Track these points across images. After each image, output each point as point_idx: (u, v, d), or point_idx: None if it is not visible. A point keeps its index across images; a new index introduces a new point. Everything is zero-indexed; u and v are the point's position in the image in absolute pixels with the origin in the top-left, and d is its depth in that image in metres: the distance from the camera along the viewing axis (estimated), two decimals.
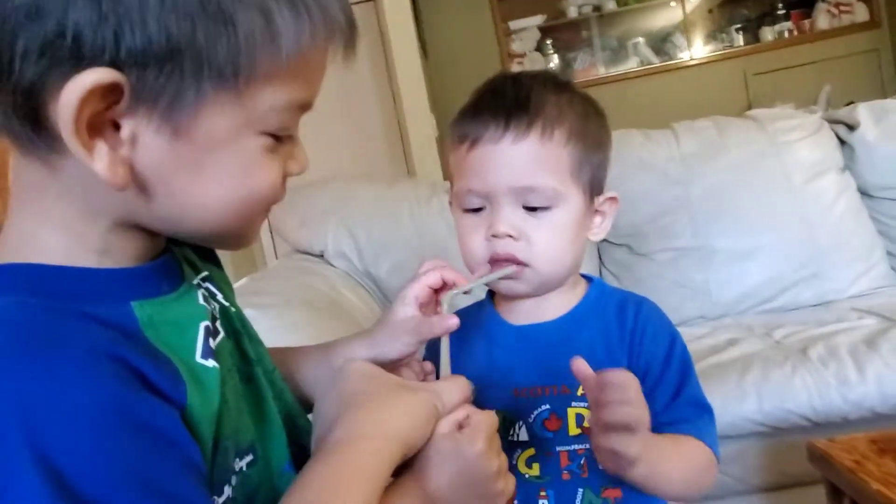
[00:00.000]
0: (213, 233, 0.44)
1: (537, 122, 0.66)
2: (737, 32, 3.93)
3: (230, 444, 0.45)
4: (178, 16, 0.35)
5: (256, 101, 0.39)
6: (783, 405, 1.24)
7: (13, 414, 0.33)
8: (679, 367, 0.69)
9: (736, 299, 1.73)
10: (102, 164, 0.37)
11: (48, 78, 0.35)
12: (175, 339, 0.41)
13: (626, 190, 1.76)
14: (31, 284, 0.38)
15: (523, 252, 0.67)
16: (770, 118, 1.87)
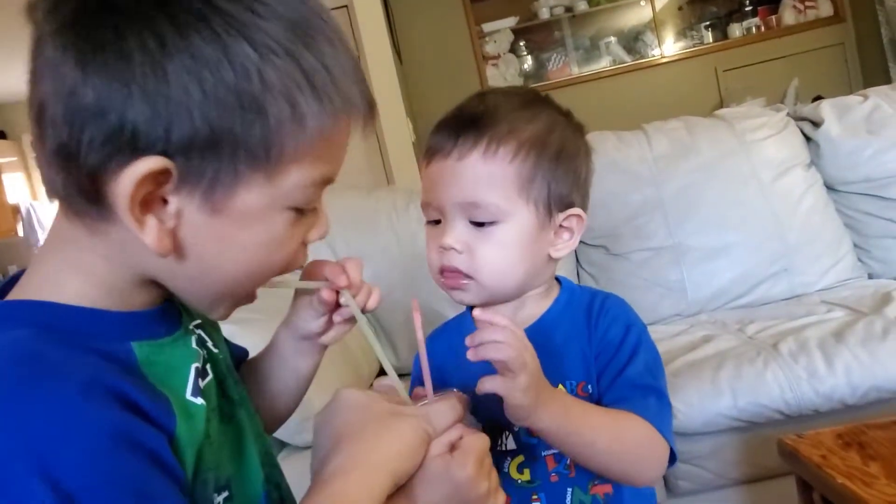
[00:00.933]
0: (217, 296, 0.49)
1: (482, 139, 0.67)
2: (706, 29, 3.98)
3: (210, 477, 0.47)
4: (217, 109, 0.40)
5: (285, 179, 0.44)
6: (757, 400, 1.27)
7: (19, 442, 0.36)
8: (629, 353, 0.69)
9: (710, 296, 1.77)
10: (151, 236, 0.42)
11: (109, 163, 0.40)
12: (168, 378, 0.45)
13: (600, 191, 1.81)
14: (44, 319, 0.43)
15: (466, 265, 0.68)
16: (738, 117, 1.91)
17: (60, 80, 0.40)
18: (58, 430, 0.37)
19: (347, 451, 0.48)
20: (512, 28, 3.96)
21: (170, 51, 0.39)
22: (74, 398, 0.38)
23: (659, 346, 1.56)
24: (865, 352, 1.29)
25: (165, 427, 0.42)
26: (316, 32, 0.44)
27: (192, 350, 0.51)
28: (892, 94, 1.88)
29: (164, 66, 0.39)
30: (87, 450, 0.37)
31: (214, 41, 0.40)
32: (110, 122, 0.39)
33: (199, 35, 0.40)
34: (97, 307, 0.45)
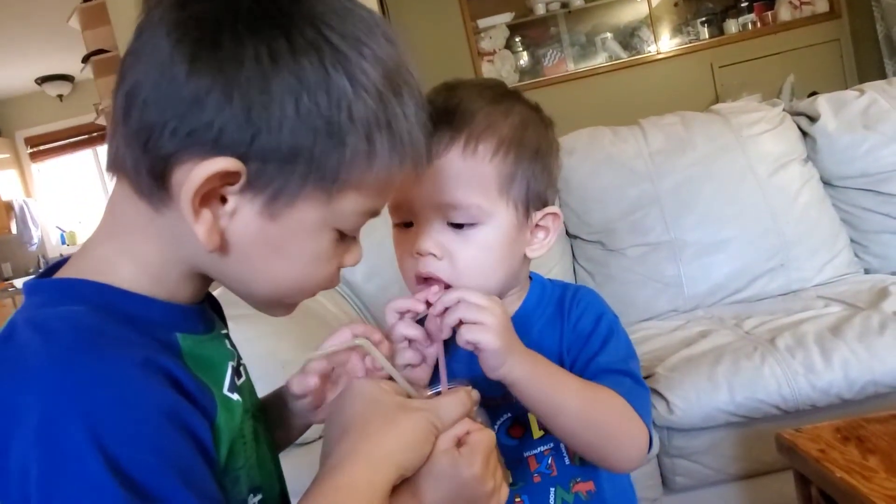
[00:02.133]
0: (264, 300, 0.52)
1: (460, 136, 0.63)
2: (702, 25, 3.97)
3: (243, 476, 0.49)
4: (304, 129, 0.43)
5: (341, 205, 0.47)
6: (754, 395, 1.27)
7: (75, 404, 0.38)
8: (600, 342, 0.68)
9: (707, 291, 1.76)
10: (203, 228, 0.44)
11: (185, 153, 0.42)
12: (208, 371, 0.47)
13: (596, 187, 1.82)
14: (100, 299, 0.45)
15: (446, 271, 0.64)
16: (734, 112, 1.91)
17: (166, 67, 0.42)
18: (114, 399, 0.38)
19: (353, 443, 0.49)
20: (508, 24, 3.95)
21: (279, 68, 0.42)
22: (132, 370, 0.40)
23: (655, 342, 1.57)
24: (862, 346, 1.29)
25: (209, 415, 0.44)
26: (404, 84, 0.47)
27: (228, 350, 0.53)
28: (889, 89, 1.88)
29: (270, 80, 0.42)
30: (139, 422, 0.39)
31: (320, 69, 0.43)
32: (202, 117, 0.41)
33: (308, 60, 0.42)
34: (149, 295, 0.47)
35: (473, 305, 0.59)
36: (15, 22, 4.08)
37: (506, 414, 0.68)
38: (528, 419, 0.68)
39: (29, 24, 4.12)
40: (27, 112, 5.46)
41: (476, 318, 0.59)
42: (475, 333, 0.59)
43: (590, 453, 0.66)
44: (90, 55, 3.35)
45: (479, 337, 0.59)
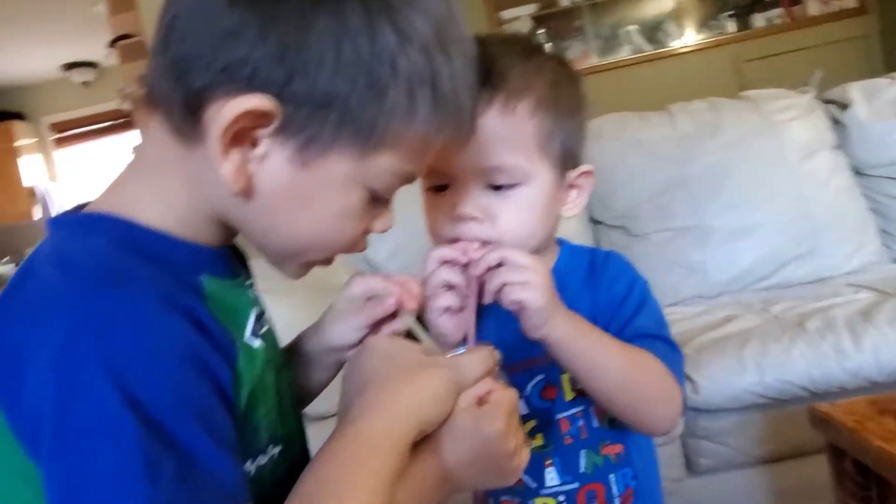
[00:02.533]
0: (281, 252, 0.50)
1: (499, 95, 0.61)
2: (728, 19, 3.93)
3: (262, 426, 0.48)
4: (344, 78, 0.41)
5: (375, 161, 0.45)
6: (783, 376, 1.25)
7: (94, 338, 0.37)
8: (634, 307, 0.67)
9: (733, 278, 1.74)
10: (230, 169, 0.42)
11: (219, 88, 0.41)
12: (231, 316, 0.46)
13: (621, 171, 1.80)
14: (122, 235, 0.43)
15: (488, 233, 0.63)
16: (764, 98, 1.89)
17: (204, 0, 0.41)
18: (133, 335, 0.37)
19: (373, 396, 0.47)
20: (531, 15, 3.92)
21: (322, 9, 0.40)
22: (154, 307, 0.39)
23: (680, 326, 1.56)
24: (894, 330, 1.27)
25: (230, 359, 0.42)
26: (455, 42, 0.46)
27: (251, 298, 0.52)
28: None
29: (310, 20, 0.40)
30: (158, 360, 0.37)
31: (364, 15, 0.41)
32: (238, 52, 0.40)
33: (351, 5, 0.41)
34: (174, 235, 0.45)
35: (517, 266, 0.58)
36: (42, 8, 4.13)
37: (538, 376, 0.68)
38: (560, 381, 0.68)
39: (56, 10, 4.18)
40: (53, 98, 5.54)
41: (521, 279, 0.58)
42: (520, 293, 0.58)
43: (626, 415, 0.65)
44: (116, 40, 3.39)
45: (524, 296, 0.58)
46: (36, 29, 4.45)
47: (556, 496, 0.67)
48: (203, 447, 0.38)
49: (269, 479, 0.49)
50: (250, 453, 0.47)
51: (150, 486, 0.35)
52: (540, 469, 0.67)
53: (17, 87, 5.48)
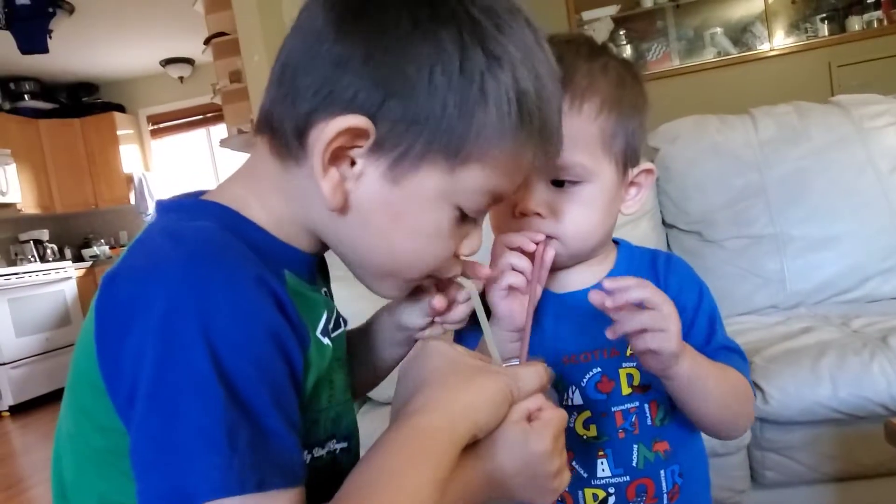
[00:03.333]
0: (377, 270, 0.53)
1: (566, 95, 0.62)
2: (822, 22, 3.75)
3: (323, 419, 0.51)
4: (436, 97, 0.44)
5: (463, 179, 0.48)
6: (860, 392, 1.20)
7: (195, 303, 0.40)
8: (708, 317, 0.69)
9: (812, 289, 1.68)
10: (329, 185, 0.47)
11: (323, 112, 0.45)
12: (306, 311, 0.48)
13: (698, 175, 1.77)
14: (227, 222, 0.48)
15: (552, 229, 0.65)
16: (856, 104, 1.81)
17: (317, 33, 0.46)
18: (228, 306, 0.41)
19: (432, 393, 0.48)
20: (612, 16, 3.88)
21: (418, 35, 0.44)
22: (249, 284, 0.42)
23: (753, 335, 1.52)
24: None
25: (304, 345, 0.46)
26: (542, 67, 0.48)
27: (324, 301, 0.55)
28: None
29: (407, 46, 0.44)
30: (246, 332, 0.41)
31: (457, 41, 0.44)
32: (343, 79, 0.45)
33: (446, 30, 0.44)
34: (269, 231, 0.50)
35: (661, 315, 0.58)
36: (146, 7, 4.41)
37: (595, 368, 0.69)
38: (617, 374, 0.68)
39: (158, 8, 4.45)
40: (151, 91, 5.90)
41: (662, 326, 0.58)
42: (661, 342, 0.58)
43: (711, 427, 0.68)
44: (211, 37, 3.58)
45: (663, 345, 0.58)
46: (139, 26, 4.75)
47: (606, 488, 0.68)
48: (273, 422, 0.41)
49: (325, 472, 0.52)
50: (308, 442, 0.49)
51: (230, 450, 0.38)
52: (592, 460, 0.68)
53: (119, 80, 5.86)
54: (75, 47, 4.87)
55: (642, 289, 0.58)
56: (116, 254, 5.62)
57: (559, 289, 0.72)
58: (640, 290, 0.58)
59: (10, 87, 5.39)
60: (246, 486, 0.38)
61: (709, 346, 0.69)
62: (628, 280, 0.59)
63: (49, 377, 4.62)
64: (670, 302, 0.59)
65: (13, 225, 5.35)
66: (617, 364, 0.68)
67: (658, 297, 0.59)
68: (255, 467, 0.39)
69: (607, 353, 0.68)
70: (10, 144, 5.03)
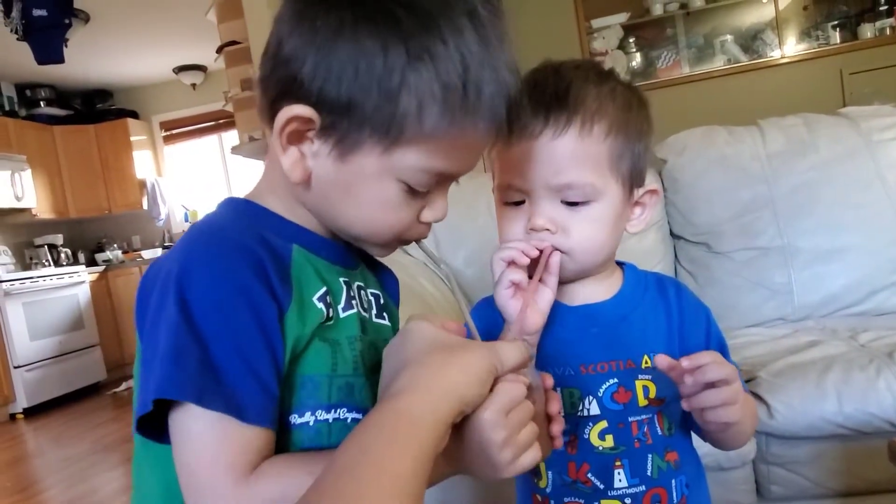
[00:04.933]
0: (351, 235, 0.60)
1: (576, 117, 0.65)
2: (833, 29, 3.74)
3: (331, 384, 0.56)
4: (359, 87, 0.51)
5: (399, 158, 0.54)
6: (865, 408, 1.20)
7: (180, 267, 0.51)
8: (717, 339, 0.74)
9: (820, 302, 1.68)
10: (288, 161, 0.55)
11: (283, 100, 0.54)
12: (304, 279, 0.56)
13: (705, 187, 1.78)
14: (241, 209, 0.60)
15: (560, 243, 0.68)
16: (864, 116, 1.80)
17: (279, 32, 0.54)
18: (203, 266, 0.51)
19: (413, 374, 0.49)
20: (622, 24, 3.89)
21: (344, 33, 0.51)
22: (227, 251, 0.52)
23: (759, 348, 1.52)
24: None
25: (281, 300, 0.53)
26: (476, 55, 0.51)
27: (340, 285, 0.61)
28: None
29: (333, 45, 0.51)
30: (212, 285, 0.50)
31: (378, 38, 0.50)
32: (291, 70, 0.53)
33: (367, 29, 0.50)
34: (282, 216, 0.59)
35: (731, 390, 0.62)
36: (159, 15, 4.47)
37: (612, 378, 0.70)
38: (634, 385, 0.70)
39: (171, 17, 4.50)
40: (164, 98, 5.96)
41: (735, 400, 0.63)
42: (732, 414, 0.63)
43: (717, 443, 0.73)
44: (223, 46, 3.61)
45: (735, 417, 0.63)
46: (153, 34, 4.81)
47: (623, 498, 0.69)
48: (227, 358, 0.49)
49: (337, 437, 0.55)
50: (307, 403, 0.55)
51: (173, 365, 0.48)
52: (609, 471, 0.69)
53: (133, 87, 5.93)
54: (90, 55, 4.93)
55: (720, 367, 0.62)
56: (129, 258, 5.67)
57: (574, 301, 0.74)
58: (719, 369, 0.62)
59: (27, 93, 5.47)
60: (184, 393, 0.47)
61: None
62: (704, 356, 0.62)
63: (62, 380, 4.68)
64: (737, 373, 0.63)
65: (28, 230, 5.42)
66: (633, 375, 0.70)
67: (732, 372, 0.63)
68: (196, 384, 0.47)
69: (623, 365, 0.70)
70: (25, 150, 5.10)
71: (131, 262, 5.55)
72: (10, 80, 5.30)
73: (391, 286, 0.72)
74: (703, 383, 0.62)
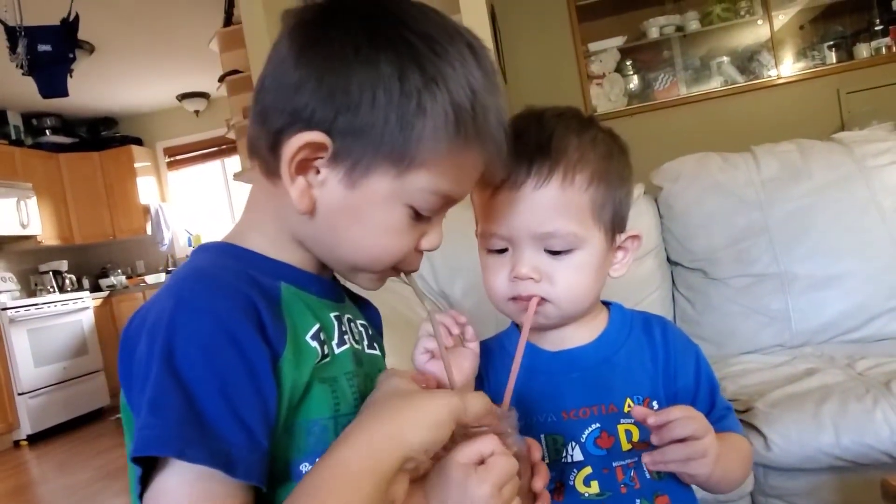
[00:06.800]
0: (348, 266, 0.59)
1: (558, 168, 0.66)
2: (829, 49, 3.76)
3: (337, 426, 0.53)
4: (375, 112, 0.51)
5: (411, 181, 0.54)
6: (862, 439, 1.19)
7: (168, 313, 0.48)
8: (707, 378, 0.74)
9: (817, 328, 1.67)
10: (297, 192, 0.54)
11: (290, 129, 0.52)
12: (297, 318, 0.55)
13: (701, 214, 1.79)
14: (228, 253, 0.57)
15: (545, 291, 0.68)
16: (858, 141, 1.81)
17: (281, 61, 0.53)
18: (189, 314, 0.48)
19: (360, 422, 0.51)
20: (619, 47, 3.92)
21: (360, 61, 0.51)
22: (214, 294, 0.50)
23: (756, 376, 1.52)
24: None
25: (274, 345, 0.50)
26: (479, 80, 0.53)
27: (330, 319, 0.59)
28: None
29: (349, 70, 0.51)
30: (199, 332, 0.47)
31: (395, 64, 0.51)
32: (301, 99, 0.52)
33: (385, 56, 0.51)
34: (265, 254, 0.58)
35: (701, 445, 0.63)
36: (163, 45, 4.54)
37: (594, 424, 0.70)
38: (616, 430, 0.70)
39: (174, 46, 4.57)
40: (167, 124, 6.03)
41: (703, 454, 0.63)
42: (699, 468, 0.64)
43: (711, 489, 0.71)
44: (225, 75, 3.67)
45: (703, 471, 0.64)
46: (157, 63, 4.88)
47: None
48: (211, 406, 0.45)
49: None
50: (316, 450, 0.52)
51: (151, 414, 0.45)
52: None
53: (137, 114, 6.00)
54: (95, 84, 5.00)
55: (689, 422, 0.62)
56: (133, 283, 5.70)
57: (555, 347, 0.74)
58: (687, 425, 0.62)
59: (33, 122, 5.54)
60: (165, 447, 0.44)
61: (713, 412, 0.73)
62: (674, 412, 0.63)
63: (66, 406, 4.68)
64: (710, 427, 0.64)
65: (34, 256, 5.46)
66: (616, 420, 0.70)
67: (701, 427, 0.63)
68: (179, 436, 0.44)
69: (605, 409, 0.70)
70: (31, 178, 5.16)
71: (135, 288, 5.58)
72: (17, 109, 5.37)
73: (374, 318, 0.72)
74: (670, 440, 0.62)
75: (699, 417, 0.63)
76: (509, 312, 0.73)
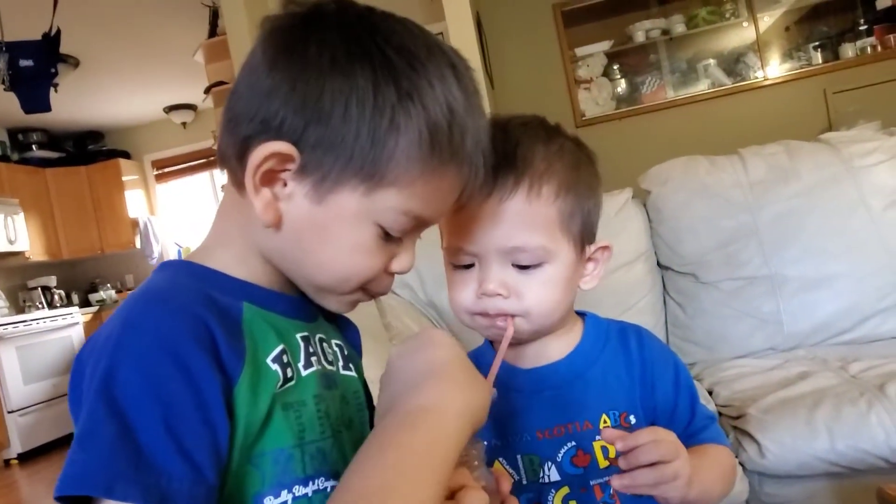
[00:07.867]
0: (315, 285, 0.56)
1: (524, 180, 0.63)
2: (815, 50, 3.77)
3: (303, 454, 0.51)
4: (347, 126, 0.49)
5: (380, 200, 0.51)
6: (857, 445, 1.18)
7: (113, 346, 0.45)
8: (687, 389, 0.71)
9: (810, 330, 1.66)
10: (261, 203, 0.51)
11: (258, 137, 0.50)
12: (260, 339, 0.52)
13: (689, 217, 1.77)
14: (188, 272, 0.54)
15: (514, 307, 0.65)
16: (845, 142, 1.81)
17: (254, 68, 0.51)
18: (134, 336, 0.45)
19: (443, 391, 0.51)
20: (606, 52, 3.92)
21: (336, 71, 0.49)
22: (165, 317, 0.46)
23: (749, 381, 1.50)
24: None
25: (229, 372, 0.47)
26: (458, 98, 0.51)
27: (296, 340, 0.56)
28: None
29: (323, 80, 0.49)
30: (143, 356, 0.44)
31: (370, 77, 0.49)
32: (272, 107, 0.49)
33: (360, 68, 0.49)
34: (229, 273, 0.54)
35: (671, 469, 0.59)
36: (149, 58, 4.51)
37: (570, 442, 0.68)
38: (592, 448, 0.68)
39: (159, 58, 4.54)
40: (155, 137, 5.99)
41: (674, 476, 0.60)
42: (671, 490, 0.60)
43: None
44: (211, 86, 3.64)
45: (676, 494, 0.60)
46: (142, 76, 4.85)
47: None
48: (152, 436, 0.42)
49: None
50: (282, 481, 0.49)
51: (79, 447, 0.42)
52: None
53: (124, 127, 5.96)
54: (81, 98, 4.97)
55: (657, 446, 0.59)
56: (123, 297, 5.64)
57: (527, 364, 0.72)
58: (653, 450, 0.59)
59: (19, 138, 5.50)
60: (87, 485, 0.40)
61: (693, 423, 0.71)
62: (642, 435, 0.59)
63: (56, 424, 4.62)
64: (682, 448, 0.60)
65: (21, 272, 5.40)
66: (591, 437, 0.68)
67: (671, 451, 0.59)
68: (107, 470, 0.40)
69: (581, 426, 0.68)
70: (18, 194, 5.11)
71: None
72: (2, 124, 5.33)
73: (353, 337, 0.68)
74: (638, 465, 0.59)
75: (669, 440, 0.60)
76: (476, 327, 0.70)
